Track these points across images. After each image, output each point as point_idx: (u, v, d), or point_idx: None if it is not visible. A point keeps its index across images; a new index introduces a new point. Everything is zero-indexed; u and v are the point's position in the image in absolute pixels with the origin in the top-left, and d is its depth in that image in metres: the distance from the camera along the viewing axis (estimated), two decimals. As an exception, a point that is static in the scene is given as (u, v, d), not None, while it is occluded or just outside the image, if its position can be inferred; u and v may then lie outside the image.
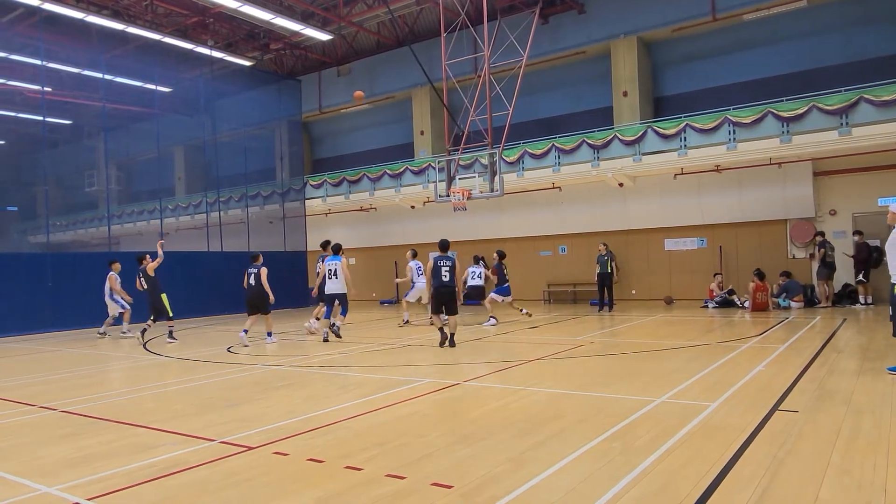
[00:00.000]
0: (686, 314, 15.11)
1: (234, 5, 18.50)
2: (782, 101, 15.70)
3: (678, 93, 20.17)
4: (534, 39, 17.58)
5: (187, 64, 22.45)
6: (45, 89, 18.89)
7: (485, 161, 16.73)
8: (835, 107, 14.80)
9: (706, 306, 16.44)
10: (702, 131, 16.56)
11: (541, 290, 21.13)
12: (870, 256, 14.80)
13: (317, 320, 13.20)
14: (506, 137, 16.98)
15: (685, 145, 16.86)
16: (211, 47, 22.10)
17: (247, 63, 23.75)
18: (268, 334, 12.23)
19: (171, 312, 12.67)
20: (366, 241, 24.81)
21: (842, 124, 14.75)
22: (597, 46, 20.34)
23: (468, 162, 17.95)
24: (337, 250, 12.37)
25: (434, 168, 18.87)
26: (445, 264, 10.64)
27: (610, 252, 16.73)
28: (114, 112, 22.38)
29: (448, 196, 16.47)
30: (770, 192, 17.15)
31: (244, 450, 4.87)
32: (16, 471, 4.57)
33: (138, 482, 4.20)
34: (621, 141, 17.73)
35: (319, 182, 24.49)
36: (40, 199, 23.97)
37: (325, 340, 11.95)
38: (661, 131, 17.20)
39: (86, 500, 3.91)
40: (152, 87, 21.60)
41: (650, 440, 4.73)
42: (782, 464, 4.12)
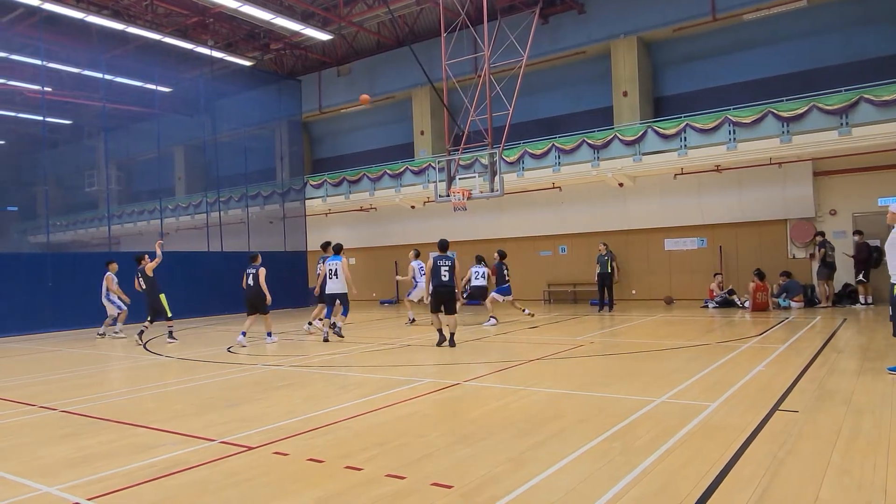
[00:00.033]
0: (686, 314, 15.11)
1: (234, 5, 18.50)
2: (782, 101, 15.70)
3: (678, 93, 20.17)
4: (534, 39, 17.58)
5: (187, 64, 22.45)
6: (45, 89, 18.89)
7: (485, 161, 16.73)
8: (835, 107, 14.80)
9: (706, 306, 16.44)
10: (702, 131, 16.56)
11: (541, 290, 21.14)
12: (870, 256, 14.81)
13: (319, 321, 13.15)
14: (506, 137, 16.98)
15: (685, 145, 16.87)
16: (211, 47, 22.11)
17: (247, 63, 23.75)
18: (267, 334, 12.26)
19: (169, 313, 12.65)
20: (366, 241, 24.82)
21: (842, 124, 14.76)
22: (597, 46, 20.34)
23: (468, 162, 17.95)
24: (338, 250, 12.37)
25: (434, 168, 18.88)
26: (445, 264, 10.67)
27: (610, 252, 16.73)
28: (114, 112, 22.38)
29: (448, 196, 16.48)
30: (770, 192, 17.15)
31: (244, 450, 4.87)
32: (16, 471, 4.57)
33: (138, 482, 4.20)
34: (621, 141, 17.74)
35: (319, 182, 24.49)
36: (40, 199, 23.97)
37: (326, 340, 11.97)
38: (661, 131, 17.20)
39: (86, 500, 3.91)
40: (152, 87, 21.61)
41: (650, 440, 4.73)
42: (782, 464, 4.12)
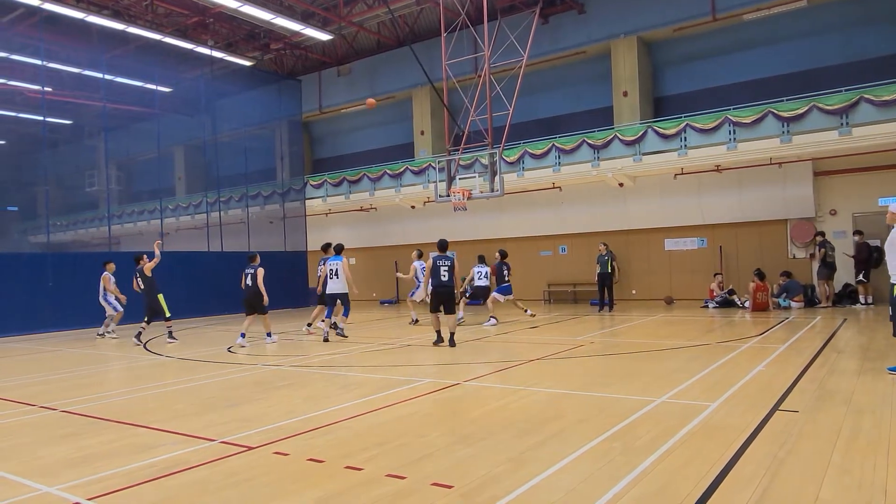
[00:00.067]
0: (686, 314, 15.11)
1: (234, 5, 18.50)
2: (782, 101, 15.70)
3: (678, 93, 20.17)
4: (534, 39, 17.58)
5: (187, 64, 22.45)
6: (45, 89, 18.90)
7: (485, 161, 16.73)
8: (835, 107, 14.80)
9: (706, 306, 16.43)
10: (702, 131, 16.56)
11: (541, 290, 21.14)
12: (870, 256, 14.80)
13: (322, 322, 13.01)
14: (506, 137, 16.98)
15: (685, 145, 16.87)
16: (211, 47, 22.11)
17: (247, 63, 23.75)
18: (267, 335, 12.24)
19: (168, 313, 12.63)
20: (366, 241, 24.82)
21: (842, 124, 14.76)
22: (597, 46, 20.34)
23: (468, 162, 17.94)
24: (339, 250, 12.38)
25: (434, 168, 18.87)
26: (444, 264, 10.71)
27: (610, 252, 16.73)
28: (114, 112, 22.37)
29: (448, 196, 16.48)
30: (770, 192, 17.15)
31: (244, 450, 4.87)
32: (16, 471, 4.57)
33: (138, 482, 4.20)
34: (621, 141, 17.73)
35: (320, 182, 24.50)
36: (41, 199, 23.95)
37: (326, 340, 11.97)
38: (661, 131, 17.20)
39: (86, 500, 3.91)
40: (153, 87, 21.61)
41: (650, 440, 4.73)
42: (783, 464, 4.12)
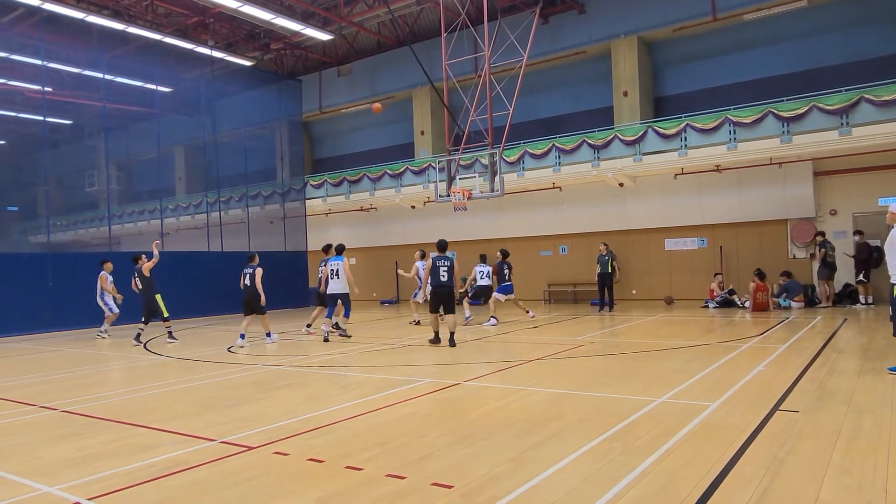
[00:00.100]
0: (686, 314, 15.10)
1: (234, 5, 18.50)
2: (782, 101, 15.70)
3: (678, 93, 20.17)
4: (534, 39, 17.57)
5: (188, 64, 22.44)
6: (45, 89, 18.90)
7: (485, 161, 16.73)
8: (835, 107, 14.79)
9: (706, 306, 16.43)
10: (702, 131, 16.56)
11: (541, 290, 21.14)
12: (870, 256, 14.79)
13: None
14: (506, 137, 16.97)
15: (685, 145, 16.87)
16: (211, 47, 22.10)
17: (247, 63, 23.75)
18: (266, 335, 12.22)
19: (166, 313, 12.61)
20: (366, 241, 24.82)
21: (842, 124, 14.75)
22: (597, 46, 20.34)
23: (468, 162, 17.94)
24: (340, 251, 12.37)
25: (434, 168, 18.87)
26: (444, 264, 10.74)
27: (610, 252, 16.73)
28: (114, 112, 22.37)
29: (448, 196, 16.47)
30: (770, 192, 17.15)
31: (244, 450, 4.87)
32: (16, 471, 4.57)
33: (138, 482, 4.20)
34: (622, 141, 17.73)
35: (320, 182, 24.50)
36: (41, 199, 23.96)
37: (326, 340, 11.96)
38: (661, 131, 17.20)
39: (86, 500, 3.91)
40: (153, 87, 21.61)
41: (650, 440, 4.73)
42: (783, 464, 4.12)
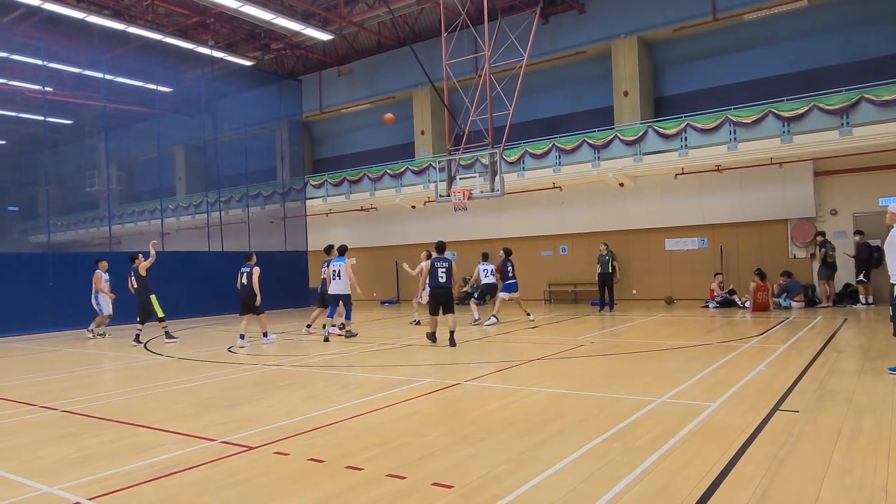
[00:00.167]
0: (687, 314, 15.10)
1: (234, 5, 18.50)
2: (783, 100, 15.70)
3: (679, 93, 20.16)
4: (534, 39, 17.55)
5: (188, 64, 22.44)
6: (45, 89, 18.88)
7: (485, 161, 16.72)
8: (835, 107, 14.79)
9: (707, 306, 16.42)
10: (702, 131, 16.56)
11: (541, 290, 21.13)
12: (871, 256, 14.79)
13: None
14: (506, 137, 16.96)
15: (686, 145, 16.86)
16: (212, 47, 22.10)
17: (247, 63, 23.75)
18: (263, 335, 12.11)
19: (161, 313, 12.58)
20: (366, 241, 24.82)
21: (842, 124, 14.75)
22: (597, 46, 20.33)
23: (469, 162, 17.94)
24: (342, 251, 12.35)
25: (435, 168, 18.86)
26: (442, 265, 10.74)
27: (611, 252, 16.73)
28: (115, 112, 22.37)
29: (449, 196, 16.47)
30: (771, 192, 17.14)
31: (244, 450, 4.87)
32: (16, 471, 4.57)
33: (138, 482, 4.20)
34: (622, 141, 17.73)
35: (320, 182, 24.50)
36: (41, 198, 23.96)
37: (326, 340, 11.96)
38: (661, 131, 17.20)
39: (86, 499, 3.91)
40: (153, 87, 21.60)
41: (651, 440, 4.73)
42: (783, 464, 4.12)
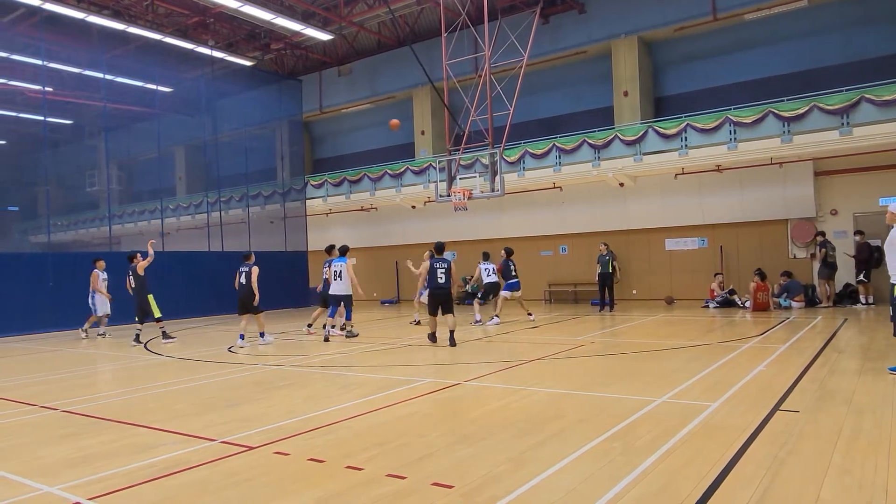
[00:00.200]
0: (687, 314, 15.10)
1: (234, 5, 18.50)
2: (783, 100, 15.69)
3: (679, 93, 20.16)
4: (534, 39, 17.54)
5: (188, 64, 22.44)
6: (46, 89, 18.88)
7: (485, 161, 16.72)
8: (836, 107, 14.79)
9: (707, 306, 16.42)
10: (702, 131, 16.55)
11: (542, 290, 21.13)
12: (871, 256, 14.78)
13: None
14: (506, 137, 16.95)
15: (686, 145, 16.86)
16: (212, 47, 22.10)
17: (247, 63, 23.75)
18: (260, 335, 12.01)
19: (158, 313, 12.56)
20: (367, 241, 24.81)
21: (843, 124, 14.75)
22: (597, 46, 20.33)
23: (469, 162, 17.93)
24: (343, 252, 12.34)
25: (435, 168, 18.85)
26: (441, 266, 10.75)
27: (611, 252, 16.72)
28: (115, 112, 22.37)
29: (449, 196, 16.46)
30: (771, 192, 17.14)
31: (245, 450, 4.87)
32: (16, 470, 4.57)
33: (138, 482, 4.20)
34: (622, 141, 17.73)
35: (320, 182, 24.49)
36: (41, 198, 23.96)
37: (326, 340, 11.97)
38: (661, 131, 17.19)
39: (86, 499, 3.91)
40: (153, 87, 21.60)
41: (651, 440, 4.73)
42: (783, 464, 4.12)
